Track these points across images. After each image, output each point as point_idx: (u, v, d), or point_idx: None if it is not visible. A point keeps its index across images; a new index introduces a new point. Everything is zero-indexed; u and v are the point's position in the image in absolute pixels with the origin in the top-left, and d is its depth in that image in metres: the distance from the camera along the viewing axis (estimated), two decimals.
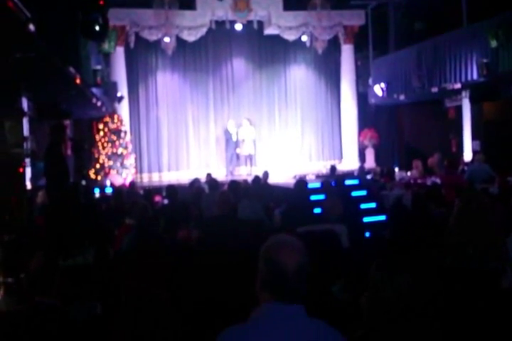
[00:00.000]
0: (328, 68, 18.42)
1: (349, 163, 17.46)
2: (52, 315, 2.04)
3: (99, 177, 14.81)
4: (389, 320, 2.64)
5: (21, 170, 7.51)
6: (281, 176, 15.42)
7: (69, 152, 11.35)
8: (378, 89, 16.38)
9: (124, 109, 15.69)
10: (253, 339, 1.98)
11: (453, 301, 3.19)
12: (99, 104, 11.20)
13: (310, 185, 8.72)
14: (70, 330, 2.00)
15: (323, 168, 16.90)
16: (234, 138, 16.72)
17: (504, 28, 11.23)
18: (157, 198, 10.94)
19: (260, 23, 16.64)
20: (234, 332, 2.03)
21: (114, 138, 15.02)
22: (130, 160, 15.37)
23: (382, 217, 8.47)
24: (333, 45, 17.54)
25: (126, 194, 10.32)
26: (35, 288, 2.81)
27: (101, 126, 15.01)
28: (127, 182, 13.94)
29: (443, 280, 3.43)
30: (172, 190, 8.53)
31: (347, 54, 17.65)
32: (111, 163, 14.96)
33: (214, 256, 4.56)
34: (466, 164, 13.04)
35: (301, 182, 8.59)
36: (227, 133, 16.84)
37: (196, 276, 4.24)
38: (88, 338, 2.03)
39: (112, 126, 15.03)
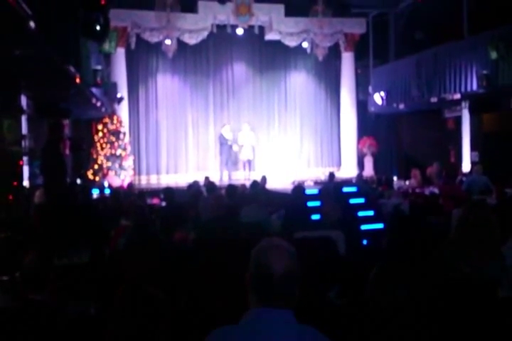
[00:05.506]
0: (328, 75, 18.44)
1: (348, 170, 17.43)
2: (45, 313, 2.02)
3: (97, 178, 14.77)
4: (385, 331, 2.62)
5: (19, 168, 7.48)
6: (280, 182, 15.38)
7: (67, 151, 11.32)
8: (378, 98, 16.39)
9: (123, 110, 15.66)
10: None
11: (451, 311, 3.16)
12: (98, 104, 11.18)
13: (308, 191, 8.69)
14: (63, 328, 1.98)
15: (322, 175, 16.87)
16: (230, 143, 16.55)
17: (504, 40, 11.25)
18: (155, 200, 10.90)
19: (261, 28, 16.60)
20: (221, 334, 2.01)
21: (113, 139, 14.98)
22: (128, 162, 15.34)
23: (380, 225, 8.44)
24: (334, 53, 17.54)
25: (124, 195, 10.28)
26: (28, 286, 2.78)
27: (100, 127, 14.98)
28: (125, 184, 13.90)
29: (441, 291, 3.40)
30: (169, 191, 8.50)
31: (347, 62, 17.67)
32: (109, 164, 14.92)
33: (210, 257, 4.53)
34: (465, 175, 13.03)
35: (299, 188, 8.57)
36: (221, 138, 16.62)
37: (192, 277, 4.21)
38: (80, 337, 2.00)
39: (111, 127, 15.00)
